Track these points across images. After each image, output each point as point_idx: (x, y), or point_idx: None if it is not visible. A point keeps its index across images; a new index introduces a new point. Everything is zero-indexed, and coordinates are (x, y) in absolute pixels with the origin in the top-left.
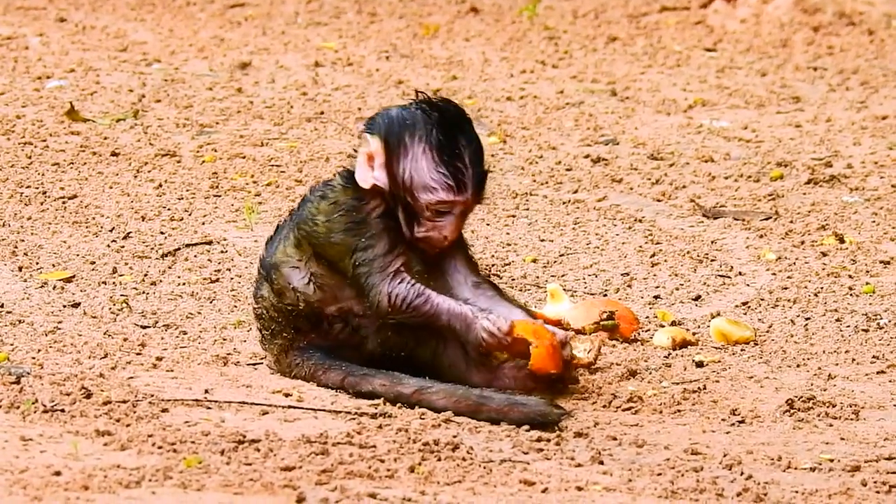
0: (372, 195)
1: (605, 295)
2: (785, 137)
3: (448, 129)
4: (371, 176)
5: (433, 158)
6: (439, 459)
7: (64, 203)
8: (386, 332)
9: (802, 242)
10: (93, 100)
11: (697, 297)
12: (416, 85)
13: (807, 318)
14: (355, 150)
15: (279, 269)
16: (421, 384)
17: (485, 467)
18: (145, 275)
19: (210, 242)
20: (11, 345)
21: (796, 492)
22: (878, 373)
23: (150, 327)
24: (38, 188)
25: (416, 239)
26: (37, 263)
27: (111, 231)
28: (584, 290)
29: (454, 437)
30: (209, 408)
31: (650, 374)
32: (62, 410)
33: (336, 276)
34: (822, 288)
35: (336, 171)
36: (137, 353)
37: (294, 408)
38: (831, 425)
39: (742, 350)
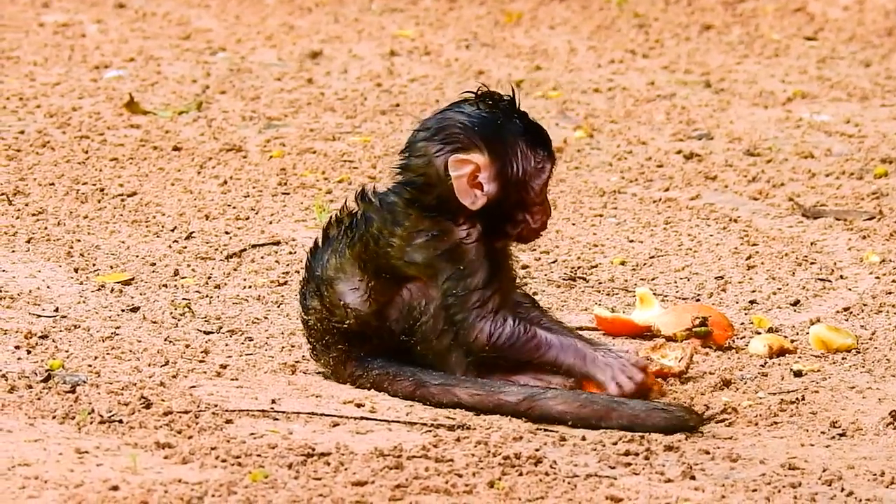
0: (464, 217)
1: (698, 300)
2: (890, 132)
3: (518, 112)
4: (482, 193)
5: (529, 143)
6: (521, 474)
7: (123, 201)
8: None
9: None
10: (153, 91)
11: (796, 302)
12: (498, 76)
13: None
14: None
15: (332, 285)
16: (530, 392)
17: (569, 482)
18: (209, 277)
19: (278, 243)
20: (66, 351)
21: None
22: None
23: (213, 333)
24: (95, 185)
25: (531, 231)
26: (93, 265)
27: (173, 231)
28: (676, 294)
29: (536, 450)
30: (276, 419)
31: (745, 383)
32: (120, 421)
33: (391, 292)
34: None
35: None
36: (200, 361)
37: (366, 419)
38: None
39: (843, 358)
